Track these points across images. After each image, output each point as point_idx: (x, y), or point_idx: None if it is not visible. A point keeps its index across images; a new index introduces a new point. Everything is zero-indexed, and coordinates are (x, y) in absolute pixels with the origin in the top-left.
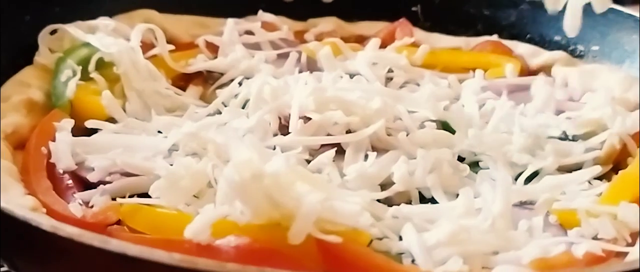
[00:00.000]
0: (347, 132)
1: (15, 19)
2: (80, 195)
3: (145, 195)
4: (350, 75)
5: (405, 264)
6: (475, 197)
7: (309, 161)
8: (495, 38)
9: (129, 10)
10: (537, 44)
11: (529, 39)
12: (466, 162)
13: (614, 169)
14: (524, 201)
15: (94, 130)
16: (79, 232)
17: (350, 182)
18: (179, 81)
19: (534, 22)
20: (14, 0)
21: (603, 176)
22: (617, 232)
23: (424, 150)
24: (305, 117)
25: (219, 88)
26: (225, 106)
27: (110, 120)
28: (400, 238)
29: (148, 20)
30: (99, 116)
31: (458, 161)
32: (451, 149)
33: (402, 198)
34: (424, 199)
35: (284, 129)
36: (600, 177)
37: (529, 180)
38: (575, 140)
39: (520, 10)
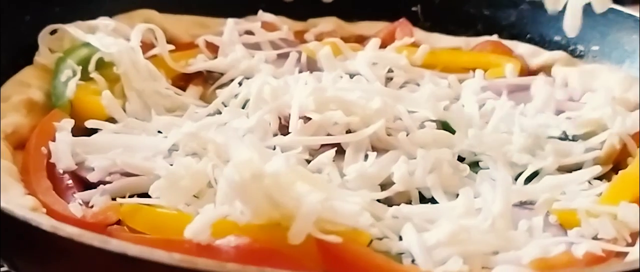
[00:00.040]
0: (347, 132)
1: (15, 19)
2: (80, 195)
3: (145, 195)
4: (350, 75)
5: (405, 264)
6: (475, 197)
7: (308, 161)
8: (495, 38)
9: (128, 10)
10: (537, 44)
11: (529, 39)
12: (466, 162)
13: (614, 169)
14: (523, 201)
15: (94, 131)
16: (79, 232)
17: (350, 182)
18: (178, 81)
19: (534, 22)
20: (14, 0)
21: (603, 176)
22: (617, 232)
23: (424, 150)
24: (305, 117)
25: (219, 88)
26: (225, 106)
27: (110, 120)
28: (400, 238)
29: (148, 20)
30: (99, 116)
31: (458, 161)
32: (451, 149)
33: (402, 198)
34: (423, 199)
35: (283, 129)
36: (600, 177)
37: (528, 180)
38: (575, 140)
39: (520, 10)
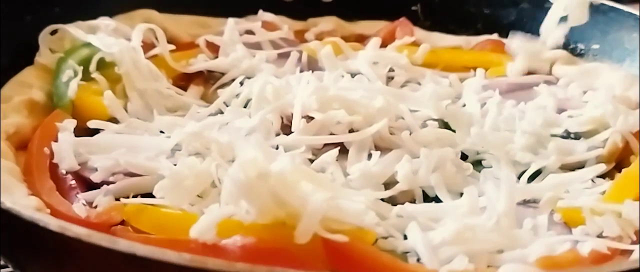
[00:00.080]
0: (350, 131)
1: (15, 19)
2: (83, 195)
3: (148, 195)
4: (352, 75)
5: (411, 263)
6: (479, 195)
7: (311, 161)
8: (495, 37)
9: (129, 10)
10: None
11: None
12: (469, 160)
13: (617, 167)
14: (527, 200)
15: (96, 131)
16: (87, 232)
17: (353, 182)
18: (179, 81)
19: (534, 20)
20: (14, 0)
21: (606, 174)
22: (622, 230)
23: (427, 149)
24: (307, 117)
25: (220, 88)
26: (227, 106)
27: (112, 121)
28: (405, 237)
29: (148, 20)
30: (101, 116)
31: (461, 159)
32: (454, 147)
33: (406, 197)
34: (427, 198)
35: (286, 129)
36: (602, 176)
37: (531, 178)
38: (577, 138)
39: (521, 9)
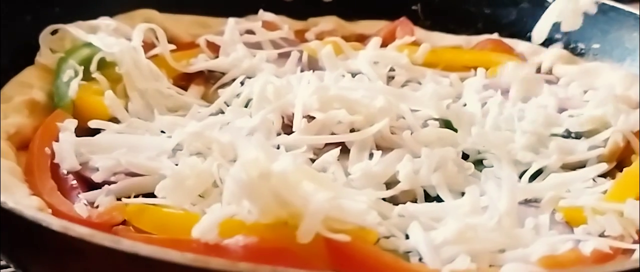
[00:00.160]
0: (351, 131)
1: (15, 19)
2: (85, 195)
3: (150, 195)
4: (352, 75)
5: (413, 263)
6: (480, 195)
7: (313, 160)
8: (495, 36)
9: (129, 10)
10: None
11: (529, 38)
12: (470, 160)
13: (618, 167)
14: (529, 199)
15: (97, 131)
16: (90, 232)
17: (355, 181)
18: (180, 81)
19: (535, 20)
20: (14, 0)
21: (607, 174)
22: (624, 230)
23: (429, 148)
24: (308, 116)
25: (221, 88)
26: (228, 106)
27: (113, 120)
28: (407, 237)
29: (148, 20)
30: (101, 116)
31: (462, 159)
32: (455, 147)
33: (408, 197)
34: (428, 198)
35: (287, 128)
36: (604, 175)
37: (533, 178)
38: (578, 138)
39: (521, 8)
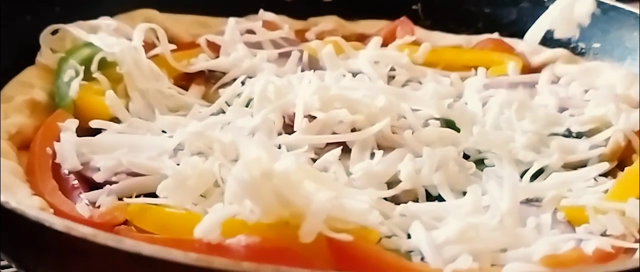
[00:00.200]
0: (352, 130)
1: (15, 19)
2: (86, 195)
3: (151, 195)
4: (353, 74)
5: (415, 262)
6: (482, 194)
7: (314, 160)
8: (496, 36)
9: (129, 10)
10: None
11: None
12: (471, 159)
13: (619, 166)
14: (530, 198)
15: (98, 131)
16: (92, 232)
17: (356, 181)
18: (180, 81)
19: (535, 19)
20: (14, 0)
21: (608, 173)
22: (626, 229)
23: (430, 148)
24: (310, 116)
25: (221, 87)
26: (229, 105)
27: (113, 120)
28: (409, 236)
29: (149, 20)
30: (102, 116)
31: (463, 158)
32: (456, 146)
33: (409, 196)
34: (430, 197)
35: (288, 128)
36: (605, 174)
37: (534, 177)
38: (579, 137)
39: (521, 8)
